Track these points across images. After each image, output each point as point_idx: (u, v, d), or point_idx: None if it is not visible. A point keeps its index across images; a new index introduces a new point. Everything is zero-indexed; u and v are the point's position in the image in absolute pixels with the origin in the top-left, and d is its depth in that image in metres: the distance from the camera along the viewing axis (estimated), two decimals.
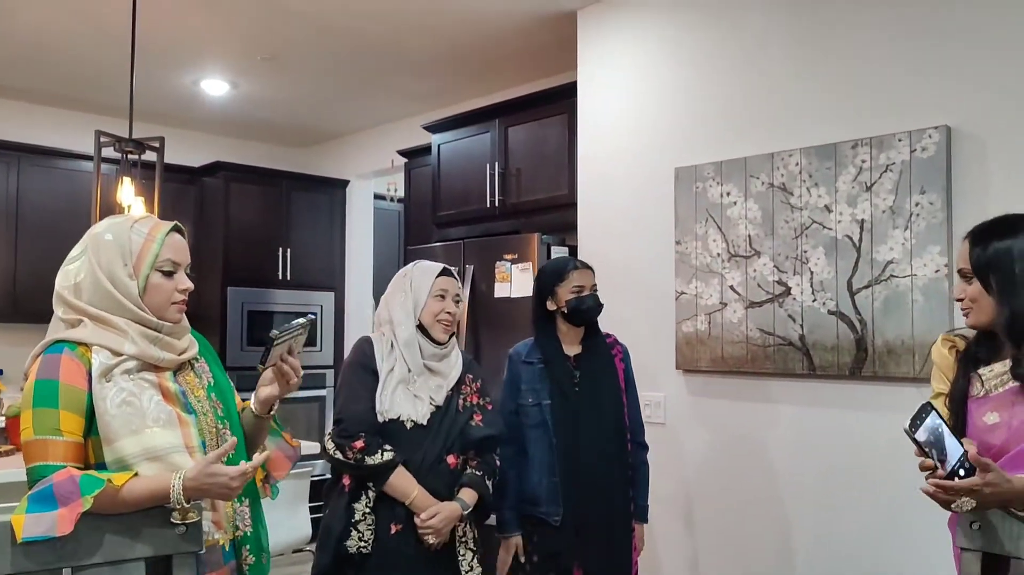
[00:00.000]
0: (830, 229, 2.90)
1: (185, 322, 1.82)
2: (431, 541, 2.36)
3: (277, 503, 3.18)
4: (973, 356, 1.85)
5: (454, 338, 2.55)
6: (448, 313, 2.49)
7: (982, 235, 1.82)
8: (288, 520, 3.21)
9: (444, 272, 2.55)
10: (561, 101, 3.94)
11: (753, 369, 3.08)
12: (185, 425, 1.69)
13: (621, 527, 2.69)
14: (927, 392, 2.68)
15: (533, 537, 2.64)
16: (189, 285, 1.78)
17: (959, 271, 1.84)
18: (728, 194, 3.18)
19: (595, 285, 2.74)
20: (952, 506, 1.62)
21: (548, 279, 2.75)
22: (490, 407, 2.56)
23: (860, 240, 2.83)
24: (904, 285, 2.72)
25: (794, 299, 2.98)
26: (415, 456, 2.39)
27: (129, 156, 3.83)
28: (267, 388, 1.88)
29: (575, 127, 3.79)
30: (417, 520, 2.35)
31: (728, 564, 3.18)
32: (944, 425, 1.65)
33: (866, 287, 2.81)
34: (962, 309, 1.84)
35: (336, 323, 6.05)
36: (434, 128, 4.64)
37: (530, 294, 3.66)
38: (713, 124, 3.28)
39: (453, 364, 2.52)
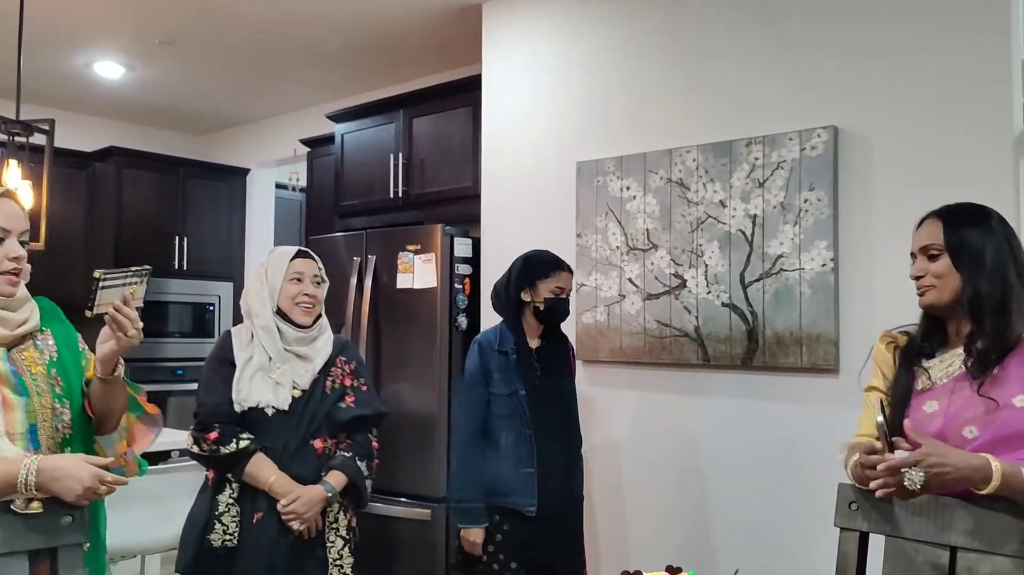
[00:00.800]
0: (724, 224, 2.98)
1: (22, 292, 1.69)
2: (296, 527, 2.33)
3: (176, 495, 3.10)
4: (917, 350, 1.86)
5: (322, 321, 2.52)
6: (307, 295, 2.46)
7: (954, 216, 1.82)
8: (180, 514, 3.10)
9: (299, 255, 2.52)
10: (466, 93, 3.93)
11: (650, 359, 3.14)
12: (10, 409, 1.59)
13: (579, 517, 2.76)
14: (814, 381, 2.79)
15: (503, 527, 2.62)
16: (21, 253, 1.65)
17: (922, 248, 1.82)
18: (628, 188, 3.23)
19: (570, 290, 2.77)
20: (906, 484, 1.60)
21: (534, 271, 2.73)
22: (365, 388, 2.54)
23: (752, 235, 2.92)
24: (793, 278, 2.82)
25: (690, 291, 3.05)
26: (277, 443, 2.36)
27: (16, 138, 3.65)
28: (105, 344, 1.70)
29: (479, 119, 3.80)
30: (279, 506, 2.32)
31: (627, 553, 3.24)
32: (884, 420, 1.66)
33: (757, 280, 2.90)
34: (920, 286, 1.83)
35: (235, 314, 5.89)
36: (338, 118, 4.57)
37: (432, 285, 3.68)
38: (614, 119, 3.34)
39: (320, 348, 2.49)
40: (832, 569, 1.86)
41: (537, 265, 2.75)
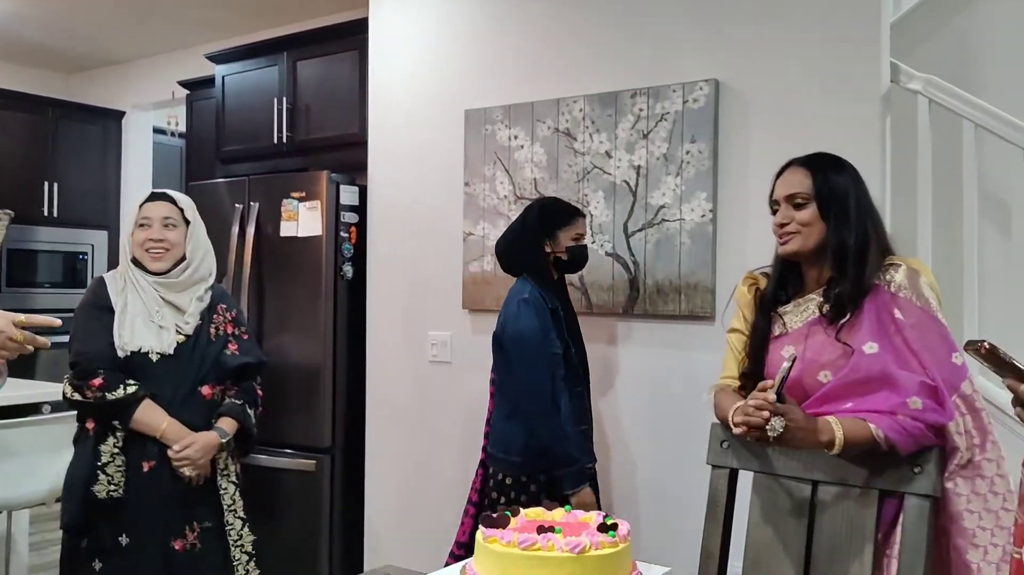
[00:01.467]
0: (610, 174, 3.02)
1: None
2: (188, 474, 2.29)
3: (43, 449, 2.97)
4: (773, 298, 1.91)
5: (201, 266, 2.45)
6: (153, 240, 2.38)
7: (819, 165, 1.85)
8: (49, 468, 2.98)
9: (151, 198, 2.45)
10: (352, 37, 3.82)
11: None
12: None
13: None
14: (692, 328, 2.88)
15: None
16: None
17: (787, 197, 1.85)
18: (516, 137, 3.23)
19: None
20: (767, 429, 1.64)
21: (555, 220, 2.61)
22: (246, 337, 2.51)
23: (636, 185, 2.97)
24: (674, 228, 2.89)
25: None
26: (165, 389, 2.31)
27: None
28: None
29: (366, 64, 3.70)
30: (170, 453, 2.27)
31: None
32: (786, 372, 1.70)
33: (640, 230, 2.96)
34: (784, 234, 1.85)
35: (110, 263, 5.64)
36: (218, 59, 4.38)
37: (317, 233, 3.60)
38: (503, 68, 3.31)
39: (195, 294, 2.43)
40: (704, 504, 1.94)
41: (555, 213, 2.64)
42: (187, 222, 2.46)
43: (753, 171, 2.79)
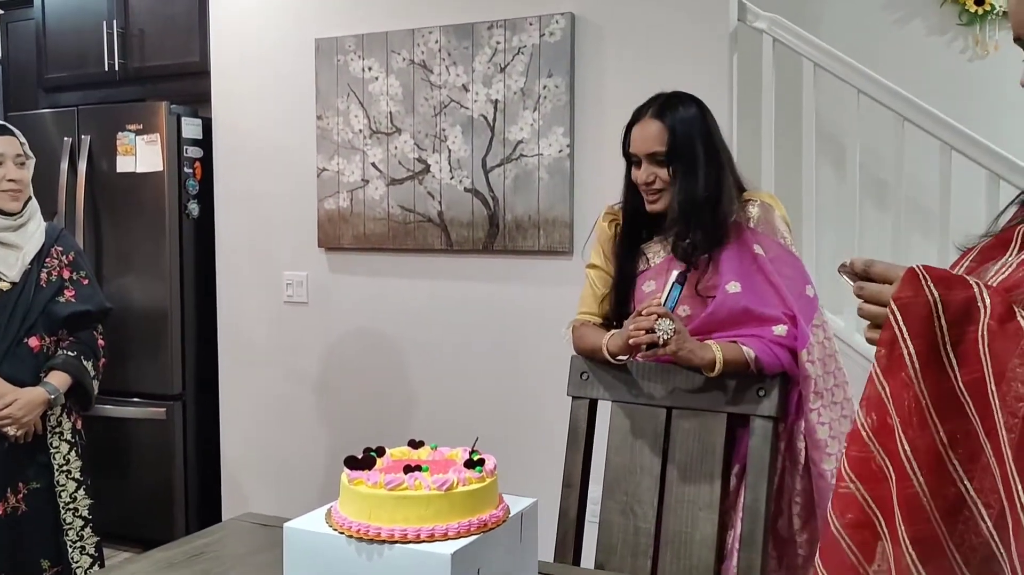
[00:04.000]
0: (467, 108, 2.98)
1: None
2: (12, 433, 2.14)
3: None
4: (636, 236, 1.92)
5: (31, 204, 2.27)
6: (11, 180, 2.19)
7: (671, 116, 1.80)
8: None
9: None
10: None
11: (394, 246, 3.13)
12: None
13: None
14: (551, 263, 2.92)
15: None
16: None
17: (650, 155, 1.80)
18: (370, 69, 3.12)
19: None
20: (657, 330, 1.69)
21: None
22: (86, 282, 2.33)
23: (494, 120, 2.94)
24: (532, 164, 2.89)
25: (433, 176, 3.04)
26: None
27: None
28: None
29: None
30: None
31: (371, 434, 3.27)
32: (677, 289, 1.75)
33: (499, 165, 2.95)
34: (649, 192, 1.83)
35: None
36: None
37: (157, 169, 3.39)
38: None
39: (31, 234, 2.25)
40: (565, 435, 1.99)
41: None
42: (30, 157, 2.26)
43: (608, 106, 2.82)
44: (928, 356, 0.87)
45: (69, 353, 2.26)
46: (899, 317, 0.88)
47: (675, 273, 1.79)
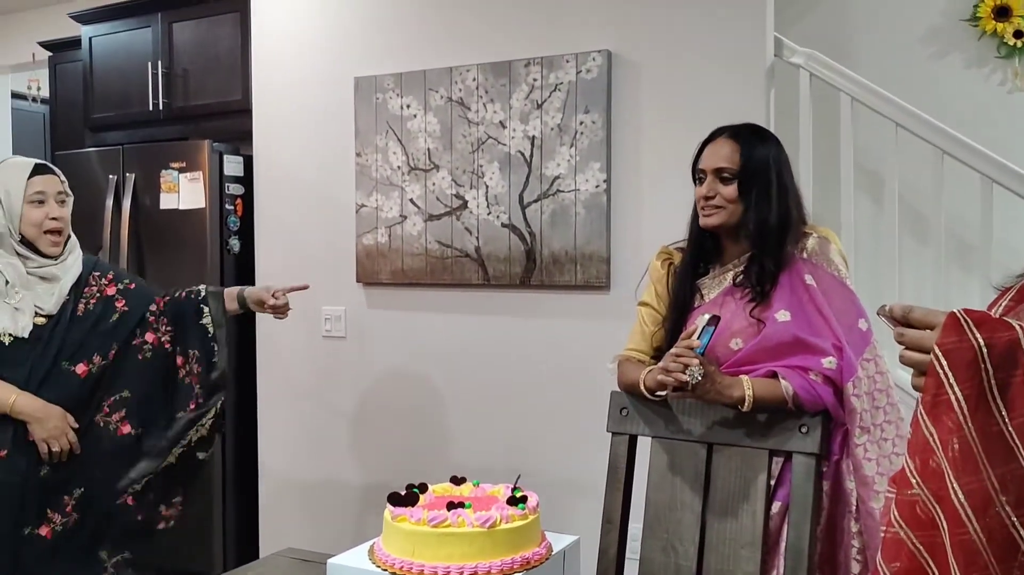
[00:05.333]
0: (504, 144, 3.01)
1: None
2: (54, 449, 2.16)
3: None
4: (693, 269, 1.94)
5: (71, 242, 2.30)
6: (54, 219, 2.21)
7: (749, 140, 1.86)
8: None
9: (38, 170, 2.23)
10: None
11: (432, 280, 3.15)
12: None
13: None
14: (588, 298, 2.92)
15: None
16: None
17: (716, 170, 1.85)
18: (408, 107, 3.17)
19: None
20: (686, 375, 1.70)
21: None
22: (132, 286, 2.36)
23: (531, 156, 2.97)
24: (569, 199, 2.91)
25: (471, 212, 3.07)
26: (17, 374, 2.15)
27: None
28: None
29: (249, 27, 3.55)
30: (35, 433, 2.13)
31: (413, 470, 3.28)
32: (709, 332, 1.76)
33: (536, 201, 2.97)
34: (706, 207, 1.87)
35: None
36: (84, 18, 4.11)
37: (200, 206, 3.45)
38: (393, 34, 3.24)
39: (69, 267, 2.28)
40: (605, 471, 1.99)
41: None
42: (70, 195, 2.31)
43: (645, 141, 2.83)
44: (976, 401, 0.86)
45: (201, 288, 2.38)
46: (944, 363, 0.88)
47: (706, 316, 1.79)
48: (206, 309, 2.34)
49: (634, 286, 2.11)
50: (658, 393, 1.84)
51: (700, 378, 1.71)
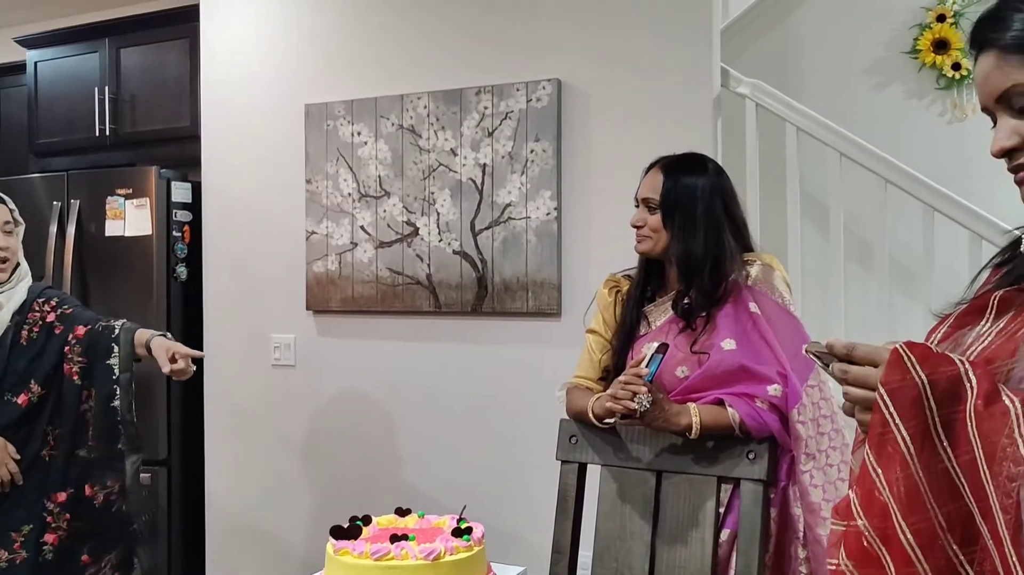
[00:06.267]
0: (455, 172, 3.01)
1: None
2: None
3: None
4: (639, 296, 1.96)
5: (20, 270, 2.26)
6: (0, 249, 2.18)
7: (674, 172, 1.89)
8: None
9: None
10: (182, 24, 3.62)
11: (383, 308, 3.12)
12: None
13: None
14: (539, 325, 2.92)
15: None
16: None
17: (644, 200, 1.90)
18: (359, 134, 3.16)
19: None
20: (635, 402, 1.71)
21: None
22: (69, 311, 2.30)
23: (483, 183, 2.97)
24: (520, 227, 2.91)
25: (422, 239, 3.06)
26: None
27: None
28: None
29: (198, 54, 3.52)
30: None
31: (358, 499, 3.23)
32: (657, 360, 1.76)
33: (487, 228, 2.96)
34: (638, 235, 1.92)
35: None
36: (30, 43, 4.05)
37: (146, 232, 3.39)
38: (344, 62, 3.23)
39: (13, 294, 2.24)
40: (554, 500, 1.97)
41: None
42: (19, 223, 2.26)
43: (595, 169, 2.85)
44: (922, 440, 0.87)
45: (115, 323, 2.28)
46: (889, 403, 0.88)
47: (654, 344, 1.80)
48: (115, 348, 2.24)
49: (590, 311, 2.11)
50: (606, 420, 1.84)
51: (648, 406, 1.71)
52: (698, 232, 1.85)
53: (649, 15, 2.78)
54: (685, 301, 1.86)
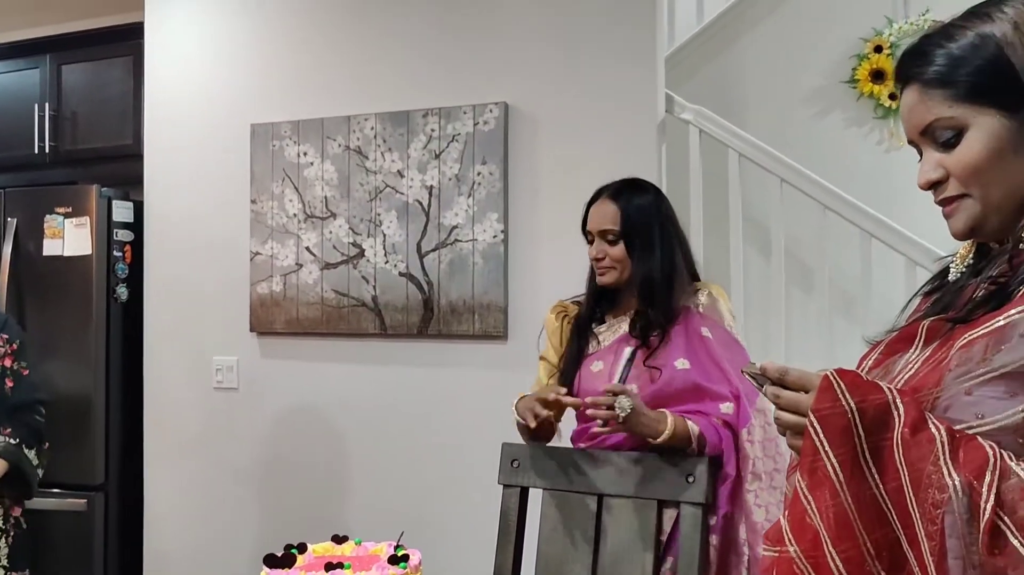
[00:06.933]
0: (402, 194, 3.00)
1: None
2: None
3: None
4: (588, 319, 2.00)
5: None
6: None
7: (627, 200, 1.92)
8: None
9: None
10: (126, 42, 3.57)
11: (328, 330, 3.09)
12: None
13: None
14: (485, 347, 2.91)
15: None
16: None
17: (601, 232, 1.92)
18: (305, 154, 3.14)
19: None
20: (616, 409, 1.71)
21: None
22: (26, 373, 2.27)
23: (429, 205, 2.97)
24: (467, 249, 2.91)
25: (368, 261, 3.04)
26: None
27: None
28: None
29: (142, 72, 3.47)
30: None
31: (297, 525, 3.18)
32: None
33: (434, 250, 2.96)
34: (600, 267, 1.94)
35: None
36: None
37: (85, 252, 3.32)
38: (291, 82, 3.21)
39: None
40: (497, 524, 1.96)
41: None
42: None
43: (542, 192, 2.87)
44: (851, 467, 0.88)
45: (10, 440, 2.19)
46: (819, 429, 0.89)
47: (628, 350, 1.82)
48: None
49: (531, 336, 2.14)
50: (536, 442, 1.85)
51: (629, 410, 1.72)
52: (655, 251, 1.90)
53: (595, 41, 2.81)
54: (644, 320, 1.90)
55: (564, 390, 1.86)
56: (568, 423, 2.04)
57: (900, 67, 1.00)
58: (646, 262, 1.90)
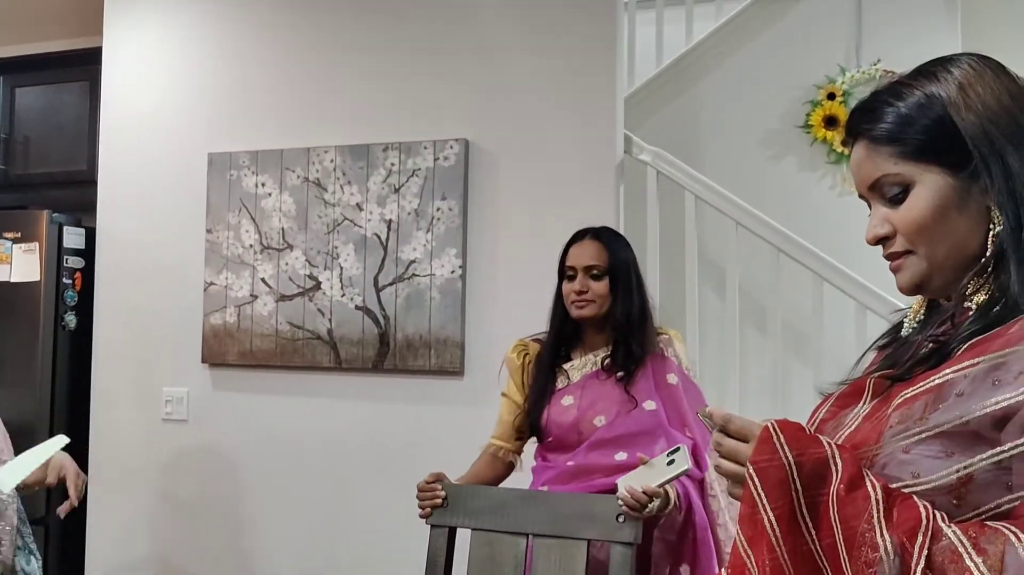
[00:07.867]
0: (360, 227, 2.99)
1: None
2: None
3: None
4: (554, 355, 2.08)
5: None
6: None
7: (611, 240, 2.06)
8: None
9: None
10: (82, 67, 3.53)
11: (282, 362, 3.05)
12: None
13: None
14: (441, 383, 2.89)
15: None
16: None
17: (585, 268, 2.02)
18: (263, 185, 3.11)
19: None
20: (647, 510, 1.74)
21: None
22: None
23: (387, 239, 2.96)
24: (424, 283, 2.90)
25: (324, 293, 3.01)
26: None
27: None
28: None
29: (98, 97, 3.42)
30: None
31: (249, 560, 3.11)
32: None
33: (391, 284, 2.94)
34: (578, 301, 2.02)
35: None
36: None
37: (34, 278, 3.25)
38: (250, 112, 3.19)
39: None
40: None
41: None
42: None
43: (501, 229, 2.87)
44: (788, 522, 0.88)
45: None
46: (757, 482, 0.89)
47: (684, 463, 1.84)
48: None
49: (488, 372, 2.17)
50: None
51: (655, 511, 1.77)
52: (634, 294, 2.02)
53: (555, 81, 2.84)
54: (623, 353, 1.99)
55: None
56: (529, 455, 2.07)
57: (850, 123, 1.02)
58: (627, 300, 2.01)
